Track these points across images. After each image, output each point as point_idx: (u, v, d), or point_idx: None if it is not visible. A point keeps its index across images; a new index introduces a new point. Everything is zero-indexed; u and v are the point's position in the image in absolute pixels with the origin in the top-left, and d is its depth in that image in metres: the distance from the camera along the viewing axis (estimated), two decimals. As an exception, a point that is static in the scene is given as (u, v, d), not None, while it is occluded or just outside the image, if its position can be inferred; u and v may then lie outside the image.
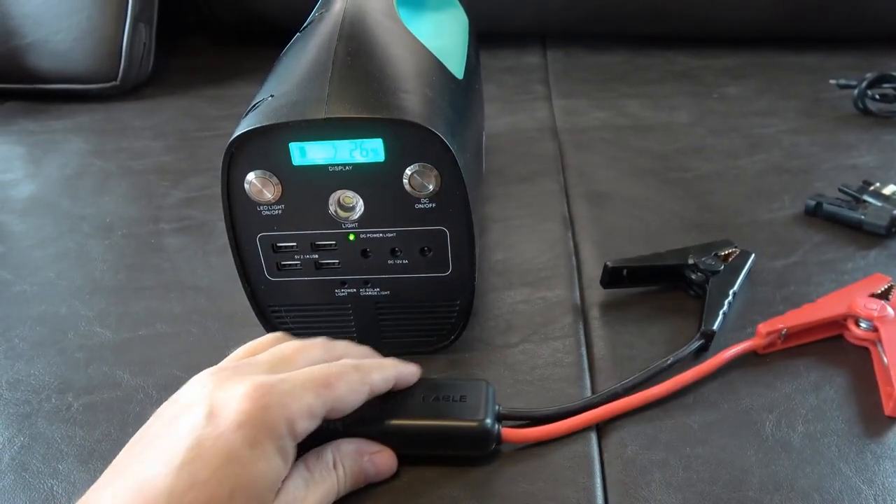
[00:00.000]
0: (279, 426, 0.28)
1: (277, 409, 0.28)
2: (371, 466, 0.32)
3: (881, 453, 0.34)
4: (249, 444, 0.27)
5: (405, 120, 0.33)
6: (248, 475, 0.26)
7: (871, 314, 0.39)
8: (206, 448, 0.26)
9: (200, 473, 0.26)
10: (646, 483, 0.33)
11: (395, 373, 0.34)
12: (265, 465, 0.27)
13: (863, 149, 0.62)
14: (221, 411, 0.27)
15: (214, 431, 0.27)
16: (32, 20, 0.77)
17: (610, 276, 0.45)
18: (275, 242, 0.37)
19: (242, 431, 0.27)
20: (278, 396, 0.28)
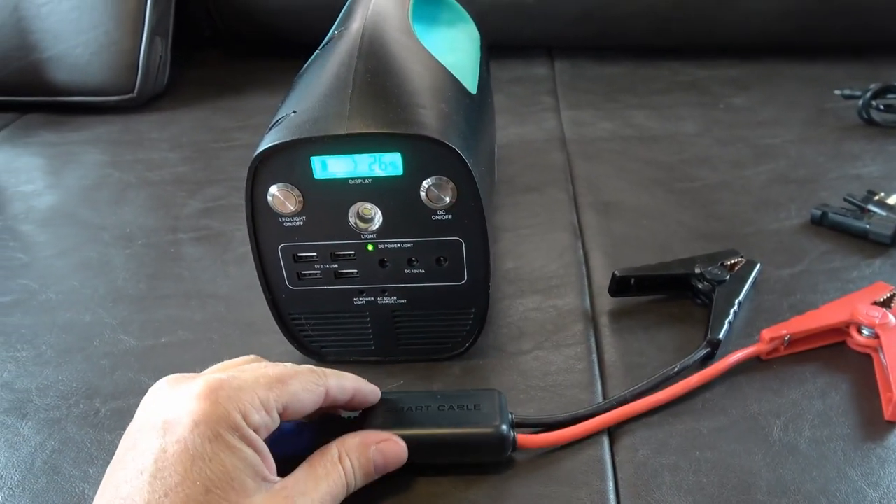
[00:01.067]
0: (233, 417, 0.28)
1: (228, 402, 0.28)
2: (379, 456, 0.32)
3: (886, 457, 0.35)
4: (209, 439, 0.27)
5: (422, 135, 0.34)
6: (216, 469, 0.27)
7: (873, 321, 0.40)
8: (170, 455, 0.27)
9: (171, 479, 0.26)
10: (657, 486, 0.34)
11: (354, 385, 0.34)
12: (230, 455, 0.27)
13: (867, 159, 0.63)
14: (176, 417, 0.28)
15: (173, 437, 0.27)
16: (52, 35, 0.79)
17: (618, 285, 0.46)
18: (296, 252, 0.38)
19: (199, 430, 0.27)
20: (228, 391, 0.29)
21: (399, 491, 0.34)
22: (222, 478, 0.27)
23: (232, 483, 0.27)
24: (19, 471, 0.36)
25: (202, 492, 0.26)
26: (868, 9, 0.81)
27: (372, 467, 0.32)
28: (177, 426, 0.28)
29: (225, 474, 0.27)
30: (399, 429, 0.35)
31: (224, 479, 0.27)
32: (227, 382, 0.29)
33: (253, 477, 0.28)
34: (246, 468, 0.28)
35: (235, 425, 0.28)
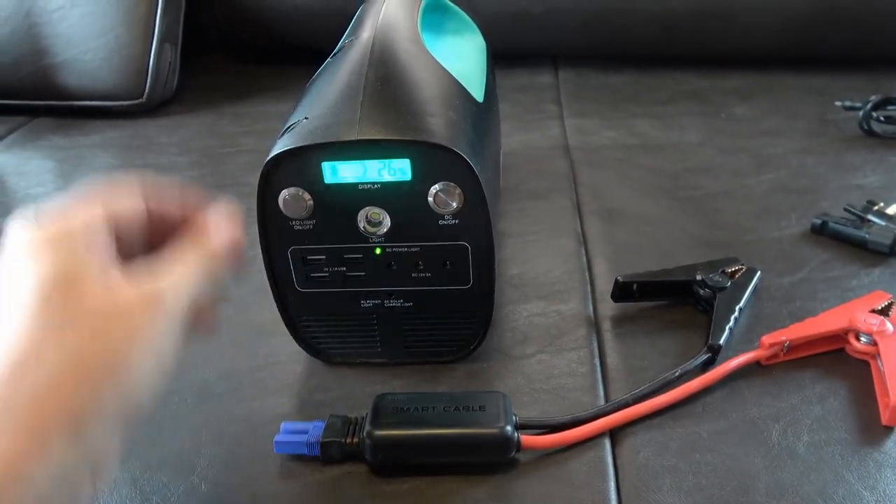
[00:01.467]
0: (76, 234, 0.27)
1: (69, 226, 0.27)
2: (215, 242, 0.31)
3: (883, 462, 0.35)
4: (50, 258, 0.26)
5: (431, 142, 0.35)
6: (50, 274, 0.26)
7: (871, 329, 0.41)
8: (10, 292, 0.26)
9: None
10: (657, 487, 0.34)
11: (178, 204, 0.32)
12: (73, 260, 0.27)
13: (868, 169, 0.64)
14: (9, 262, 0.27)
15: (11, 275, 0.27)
16: (64, 40, 0.81)
17: (621, 291, 0.47)
18: (305, 255, 0.39)
19: (29, 255, 0.27)
20: (57, 221, 0.28)
21: (405, 489, 0.35)
22: (67, 277, 0.26)
23: (80, 294, 0.26)
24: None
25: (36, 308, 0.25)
26: (869, 22, 0.82)
27: (213, 262, 0.31)
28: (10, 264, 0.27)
29: (70, 274, 0.26)
30: (406, 429, 0.35)
31: (69, 279, 0.26)
32: (43, 221, 0.28)
33: (107, 274, 0.27)
34: (103, 274, 0.27)
35: (85, 235, 0.27)
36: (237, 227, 0.33)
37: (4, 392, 0.24)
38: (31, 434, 0.24)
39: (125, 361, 0.26)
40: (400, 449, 0.35)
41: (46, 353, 0.25)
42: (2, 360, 0.25)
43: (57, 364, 0.25)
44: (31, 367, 0.25)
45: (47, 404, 0.24)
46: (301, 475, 0.36)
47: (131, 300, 0.27)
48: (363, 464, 0.36)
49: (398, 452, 0.35)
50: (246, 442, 0.38)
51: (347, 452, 0.36)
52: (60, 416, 0.24)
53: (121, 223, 0.30)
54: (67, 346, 0.25)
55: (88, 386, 0.25)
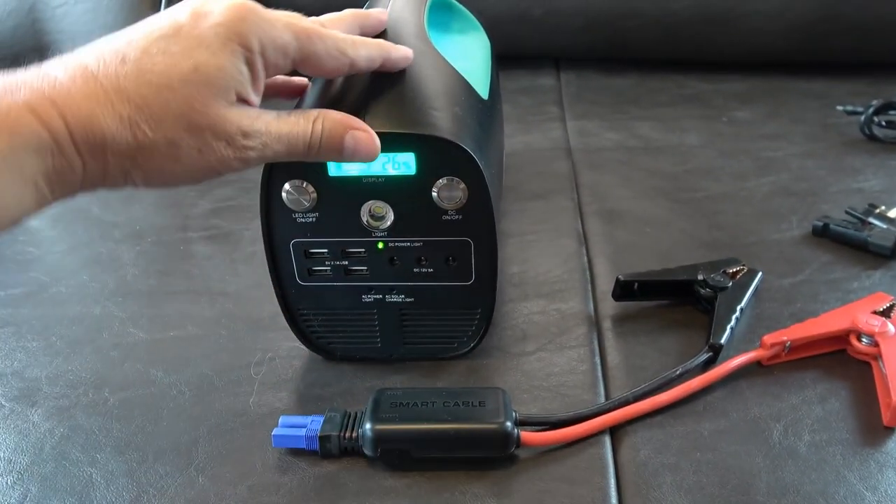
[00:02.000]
0: (251, 40, 0.30)
1: (253, 25, 0.30)
2: (351, 140, 0.33)
3: (884, 462, 0.35)
4: (221, 41, 0.29)
5: (437, 136, 0.35)
6: (213, 61, 0.29)
7: (873, 330, 0.41)
8: (183, 33, 0.29)
9: (173, 47, 0.29)
10: (657, 485, 0.34)
11: (381, 55, 0.35)
12: (230, 61, 0.30)
13: (869, 173, 0.64)
14: (205, 13, 0.30)
15: (194, 24, 0.30)
16: (67, 36, 0.81)
17: (621, 290, 0.47)
18: (307, 248, 0.39)
19: (217, 29, 0.29)
20: (258, 17, 0.30)
21: (404, 484, 0.35)
22: (211, 69, 0.29)
23: (215, 78, 0.29)
24: (28, 456, 0.37)
25: (190, 67, 0.29)
26: (871, 27, 0.82)
27: (340, 145, 0.33)
28: (202, 20, 0.30)
29: (215, 68, 0.29)
30: (405, 423, 0.35)
31: (212, 71, 0.29)
32: (260, 12, 0.31)
33: (230, 86, 0.30)
34: (232, 77, 0.30)
35: (248, 46, 0.30)
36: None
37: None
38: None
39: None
40: (399, 443, 0.35)
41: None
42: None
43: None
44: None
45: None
46: (299, 469, 0.36)
47: (230, 129, 0.30)
48: (362, 458, 0.36)
49: (397, 447, 0.35)
50: (244, 435, 0.38)
51: (346, 447, 0.36)
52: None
53: (306, 68, 0.33)
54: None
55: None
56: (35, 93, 0.27)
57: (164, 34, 0.29)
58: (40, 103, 0.27)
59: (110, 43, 0.29)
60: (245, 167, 0.31)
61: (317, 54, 0.32)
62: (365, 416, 0.36)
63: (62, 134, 0.27)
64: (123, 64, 0.28)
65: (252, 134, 0.31)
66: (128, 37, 0.29)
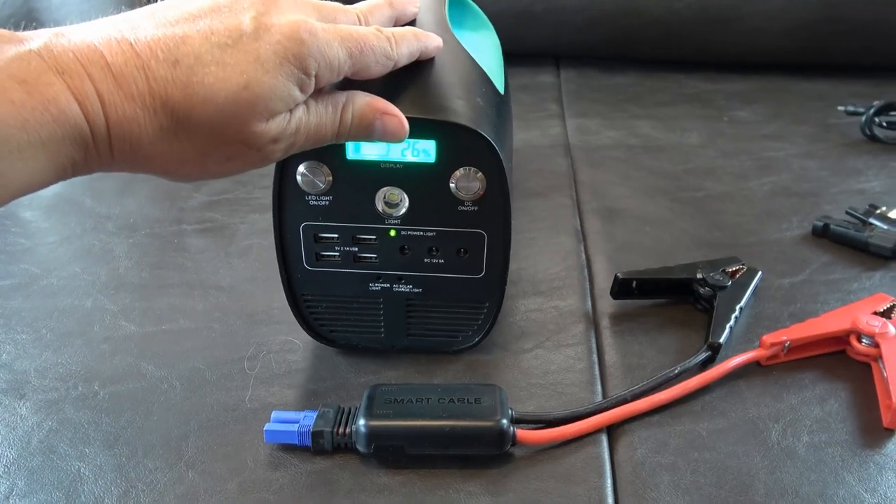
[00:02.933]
0: (309, 63, 0.30)
1: (313, 48, 0.30)
2: (380, 125, 0.33)
3: (884, 464, 0.35)
4: (279, 60, 0.29)
5: (459, 123, 0.34)
6: (266, 80, 0.29)
7: (873, 331, 0.40)
8: (242, 45, 0.29)
9: (229, 59, 0.28)
10: (654, 485, 0.34)
11: (419, 47, 0.36)
12: (283, 83, 0.29)
13: (870, 174, 0.63)
14: (268, 26, 0.29)
15: (255, 36, 0.29)
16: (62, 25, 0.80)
17: (620, 287, 0.46)
18: (317, 232, 0.38)
19: (277, 48, 0.29)
20: (317, 40, 0.30)
21: (397, 482, 0.34)
22: (263, 91, 0.29)
23: (264, 100, 0.29)
24: (15, 449, 0.36)
25: (241, 87, 0.28)
26: (872, 28, 0.82)
27: (369, 129, 0.33)
28: (263, 34, 0.29)
29: (268, 90, 0.29)
30: (399, 420, 0.35)
31: (262, 92, 0.29)
32: (319, 33, 0.30)
33: (280, 107, 0.29)
34: (282, 102, 0.29)
35: (305, 70, 0.30)
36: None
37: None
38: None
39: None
40: (393, 440, 0.34)
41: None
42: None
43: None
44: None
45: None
46: (291, 465, 0.35)
47: (260, 141, 0.29)
48: (355, 455, 0.35)
49: (391, 443, 0.35)
50: (235, 430, 0.37)
51: (339, 443, 0.35)
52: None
53: (354, 76, 0.33)
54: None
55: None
56: (83, 80, 0.26)
57: (222, 42, 0.28)
58: (87, 96, 0.26)
59: (166, 27, 0.28)
60: (267, 163, 0.31)
61: (367, 66, 0.32)
62: (359, 412, 0.35)
63: (102, 133, 0.27)
64: (175, 68, 0.27)
65: (283, 138, 0.30)
66: (184, 29, 0.28)
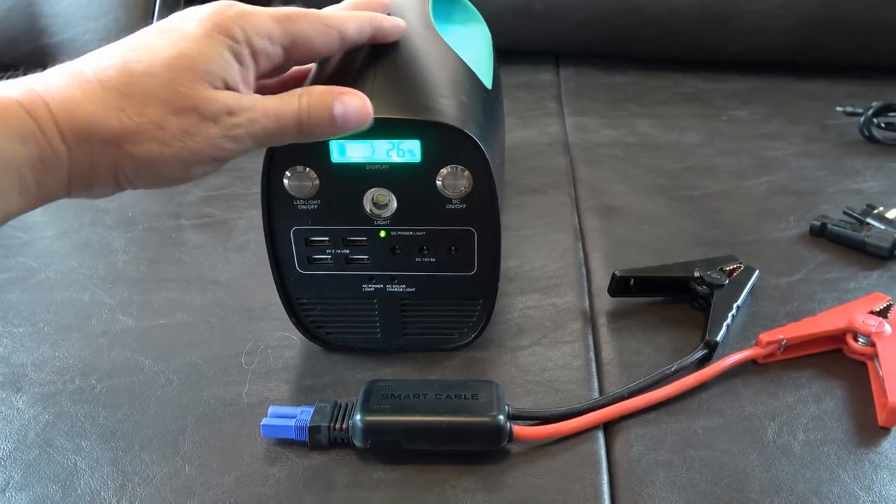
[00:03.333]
0: (234, 30, 0.31)
1: (236, 17, 0.31)
2: (341, 106, 0.32)
3: (879, 462, 0.35)
4: (205, 32, 0.30)
5: (443, 123, 0.35)
6: (196, 47, 0.30)
7: (869, 330, 0.40)
8: (167, 30, 0.31)
9: (157, 42, 0.30)
10: (650, 482, 0.34)
11: (372, 23, 0.35)
12: (213, 49, 0.30)
13: (868, 174, 0.63)
14: (189, 15, 0.31)
15: (179, 24, 0.31)
16: (62, 19, 0.80)
17: (617, 285, 0.46)
18: (308, 236, 0.38)
19: (200, 24, 0.31)
20: (240, 9, 0.31)
21: (394, 477, 0.34)
22: (194, 57, 0.30)
23: (199, 64, 0.30)
24: (11, 442, 0.36)
25: (174, 55, 0.29)
26: (871, 29, 0.82)
27: (330, 112, 0.32)
28: (187, 19, 0.31)
29: (199, 54, 0.30)
30: (397, 415, 0.35)
31: (195, 58, 0.30)
32: (245, 6, 0.32)
33: (220, 77, 0.30)
34: (218, 67, 0.30)
35: (232, 36, 0.31)
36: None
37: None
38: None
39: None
40: (389, 435, 0.35)
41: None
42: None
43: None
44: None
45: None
46: (287, 460, 0.35)
47: (214, 108, 0.30)
48: (351, 450, 0.36)
49: (387, 439, 0.35)
50: (232, 425, 0.37)
51: (335, 438, 0.35)
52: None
53: (298, 52, 0.33)
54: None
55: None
56: (20, 87, 0.27)
57: (148, 35, 0.30)
58: (25, 94, 0.27)
59: (99, 50, 0.30)
60: (236, 147, 0.31)
61: (303, 33, 0.32)
62: (355, 408, 0.35)
63: (46, 120, 0.27)
64: (109, 59, 0.29)
65: (238, 111, 0.30)
66: (116, 42, 0.31)
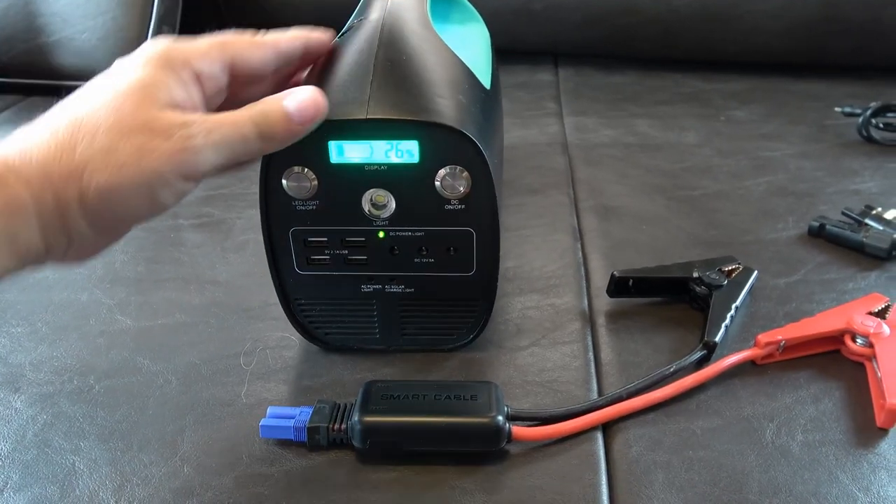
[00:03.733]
0: (173, 57, 0.32)
1: (172, 47, 0.32)
2: (292, 101, 0.32)
3: (877, 464, 0.35)
4: (145, 64, 0.31)
5: (441, 123, 0.34)
6: (135, 75, 0.31)
7: (868, 331, 0.40)
8: (110, 73, 0.31)
9: (99, 83, 0.31)
10: (649, 482, 0.34)
11: (301, 34, 0.37)
12: (156, 76, 0.31)
13: (866, 175, 0.63)
14: (128, 57, 0.32)
15: (119, 65, 0.32)
16: (60, 18, 0.79)
17: (616, 286, 0.46)
18: (306, 237, 0.38)
19: (137, 60, 0.32)
20: (174, 42, 0.33)
21: (393, 478, 0.34)
22: (135, 83, 0.30)
23: (141, 89, 0.30)
24: (9, 442, 0.36)
25: (115, 87, 0.30)
26: (870, 29, 0.82)
27: (283, 109, 0.32)
28: (123, 61, 0.32)
29: (139, 81, 0.30)
30: (395, 416, 0.35)
31: (136, 83, 0.30)
32: (177, 41, 0.33)
33: (165, 100, 0.31)
34: (161, 90, 0.31)
35: (172, 63, 0.32)
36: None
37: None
38: None
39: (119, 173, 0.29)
40: (388, 436, 0.35)
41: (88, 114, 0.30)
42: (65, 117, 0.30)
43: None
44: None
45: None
46: (286, 460, 0.35)
47: (164, 124, 0.30)
48: (350, 451, 0.35)
49: (386, 439, 0.35)
50: (231, 425, 0.37)
51: (334, 438, 0.35)
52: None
53: (239, 70, 0.34)
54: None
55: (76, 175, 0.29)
56: None
57: (92, 82, 0.31)
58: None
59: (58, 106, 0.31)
60: (199, 161, 0.30)
61: (239, 51, 0.34)
62: (354, 408, 0.35)
63: (3, 169, 0.28)
64: (57, 110, 0.30)
65: (191, 123, 0.30)
66: (73, 96, 0.31)
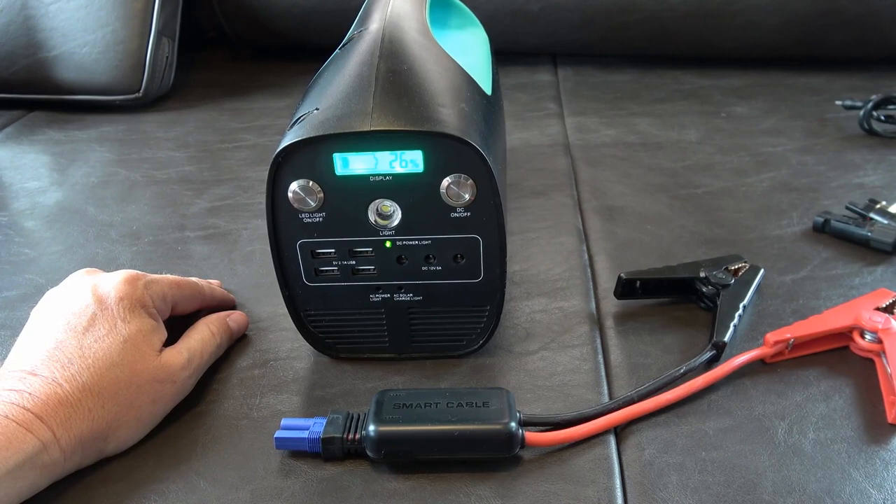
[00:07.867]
0: (146, 300, 0.39)
1: (144, 289, 0.39)
2: (233, 323, 0.44)
3: (890, 459, 0.35)
4: (129, 310, 0.38)
5: (445, 133, 0.35)
6: (133, 328, 0.37)
7: (876, 327, 0.41)
8: (100, 318, 0.37)
9: (100, 332, 0.36)
10: (663, 485, 0.34)
11: (215, 294, 0.46)
12: (141, 323, 0.38)
13: (869, 168, 0.63)
14: (105, 294, 0.38)
15: (103, 307, 0.37)
16: (60, 33, 0.80)
17: (624, 288, 0.46)
18: (314, 249, 0.38)
19: (122, 304, 0.38)
20: (145, 281, 0.40)
21: (408, 487, 0.34)
22: (133, 337, 0.37)
23: (138, 341, 0.37)
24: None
25: (121, 342, 0.36)
26: (869, 21, 0.82)
27: (229, 332, 0.43)
28: (106, 299, 0.38)
29: (138, 333, 0.37)
30: (409, 425, 0.35)
31: (134, 337, 0.37)
32: (144, 276, 0.40)
33: (156, 340, 0.38)
34: (152, 333, 0.38)
35: (147, 305, 0.39)
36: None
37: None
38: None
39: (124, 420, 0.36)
40: (402, 445, 0.35)
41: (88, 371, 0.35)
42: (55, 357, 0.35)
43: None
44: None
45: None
46: (302, 472, 0.35)
47: (168, 372, 0.38)
48: (365, 460, 0.36)
49: (400, 448, 0.35)
50: (245, 438, 0.37)
51: (349, 449, 0.36)
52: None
53: (176, 310, 0.42)
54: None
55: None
56: (19, 411, 0.32)
57: (86, 326, 0.36)
58: (26, 419, 0.32)
59: (45, 350, 0.35)
60: (192, 385, 0.40)
61: (185, 298, 0.42)
62: (368, 418, 0.35)
63: (49, 439, 0.32)
64: (72, 365, 0.35)
65: (186, 365, 0.38)
66: (56, 338, 0.36)
